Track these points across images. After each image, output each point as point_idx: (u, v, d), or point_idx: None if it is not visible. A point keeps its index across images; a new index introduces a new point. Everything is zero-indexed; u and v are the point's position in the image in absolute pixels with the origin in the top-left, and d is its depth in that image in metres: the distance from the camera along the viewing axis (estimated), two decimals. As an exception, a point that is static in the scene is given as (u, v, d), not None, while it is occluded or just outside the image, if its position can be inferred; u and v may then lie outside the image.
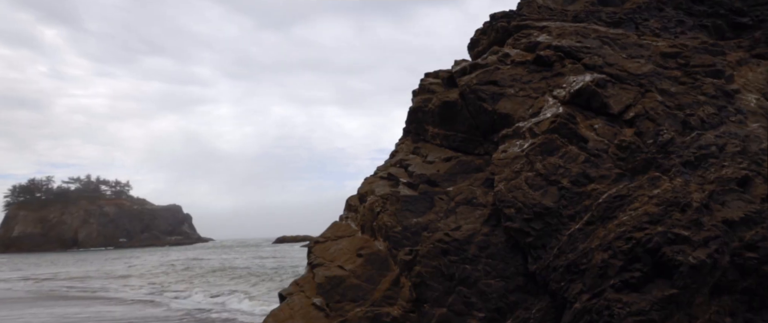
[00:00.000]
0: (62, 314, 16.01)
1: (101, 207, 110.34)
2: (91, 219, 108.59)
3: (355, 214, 5.53)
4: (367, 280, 4.60)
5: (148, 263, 42.62)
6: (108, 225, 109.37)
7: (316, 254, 5.17)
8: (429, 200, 4.77)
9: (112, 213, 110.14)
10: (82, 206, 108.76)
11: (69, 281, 25.20)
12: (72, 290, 22.84)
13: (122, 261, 51.29)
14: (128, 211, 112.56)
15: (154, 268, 33.68)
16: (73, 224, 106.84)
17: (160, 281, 23.18)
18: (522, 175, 4.29)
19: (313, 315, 4.60)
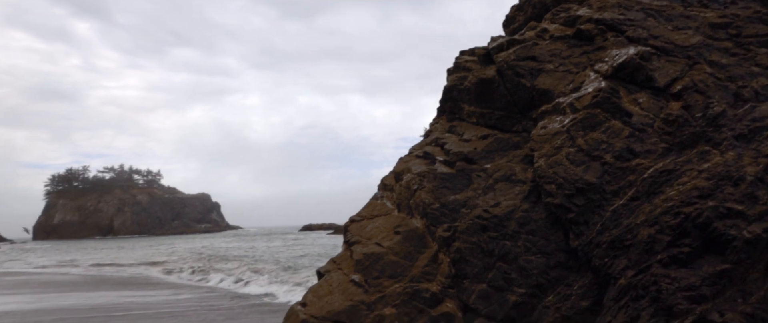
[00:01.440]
0: (130, 298, 16.75)
1: (134, 196, 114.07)
2: (125, 207, 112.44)
3: (390, 193, 5.55)
4: (404, 257, 4.62)
5: (185, 249, 43.84)
6: (141, 213, 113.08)
7: (353, 232, 5.22)
8: (466, 177, 4.74)
9: (144, 202, 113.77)
10: (117, 195, 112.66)
11: (119, 267, 26.16)
12: (125, 275, 23.77)
13: (159, 247, 53.00)
14: (160, 200, 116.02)
15: (193, 254, 34.71)
16: (109, 212, 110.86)
17: (205, 266, 23.85)
18: (563, 151, 4.22)
19: (352, 291, 4.66)
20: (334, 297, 4.65)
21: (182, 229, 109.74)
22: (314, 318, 4.50)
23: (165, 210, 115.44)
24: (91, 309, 14.17)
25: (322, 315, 4.50)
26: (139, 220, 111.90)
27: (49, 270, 30.10)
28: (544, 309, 3.99)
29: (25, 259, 38.59)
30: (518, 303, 4.03)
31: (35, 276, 26.41)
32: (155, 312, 13.55)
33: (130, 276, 23.52)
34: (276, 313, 12.15)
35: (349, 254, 5.13)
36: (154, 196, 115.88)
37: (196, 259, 28.37)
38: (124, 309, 14.51)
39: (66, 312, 13.91)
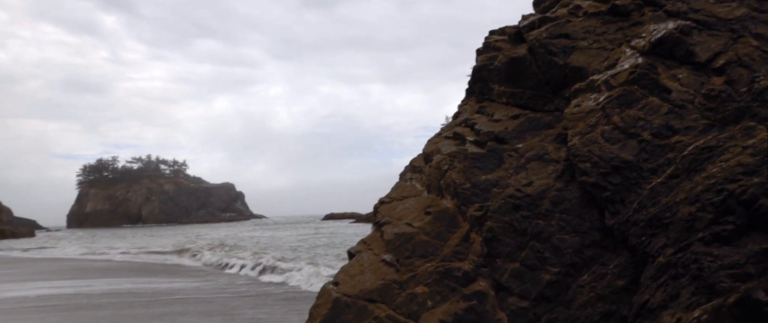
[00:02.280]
0: (159, 285, 17.24)
1: (161, 186, 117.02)
2: (153, 196, 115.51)
3: (419, 175, 5.55)
4: (436, 237, 4.63)
5: (210, 238, 44.81)
6: (168, 202, 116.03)
7: (383, 213, 5.25)
8: (497, 157, 4.71)
9: (171, 192, 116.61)
10: (145, 184, 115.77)
11: (149, 255, 26.97)
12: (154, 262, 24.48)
13: (185, 235, 54.34)
14: (186, 189, 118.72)
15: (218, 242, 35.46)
16: (137, 201, 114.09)
17: (229, 254, 24.34)
18: (598, 129, 4.14)
19: (383, 270, 4.70)
20: (366, 277, 4.70)
21: (207, 218, 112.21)
22: (347, 297, 4.56)
23: (191, 199, 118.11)
24: (127, 294, 14.69)
25: (355, 294, 4.55)
26: (166, 209, 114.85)
27: (83, 257, 31.26)
28: (579, 289, 3.96)
29: (61, 247, 40.14)
30: (552, 282, 4.01)
31: (72, 262, 27.44)
32: (183, 297, 13.96)
33: (159, 263, 24.23)
34: (298, 300, 12.37)
35: (379, 235, 5.16)
36: (180, 186, 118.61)
37: (221, 247, 29.05)
38: (154, 294, 14.99)
39: (105, 297, 14.47)
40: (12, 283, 18.55)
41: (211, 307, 11.84)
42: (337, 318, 4.46)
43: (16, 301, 14.15)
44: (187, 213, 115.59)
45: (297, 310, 11.71)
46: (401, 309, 4.35)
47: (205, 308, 11.80)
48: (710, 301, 3.16)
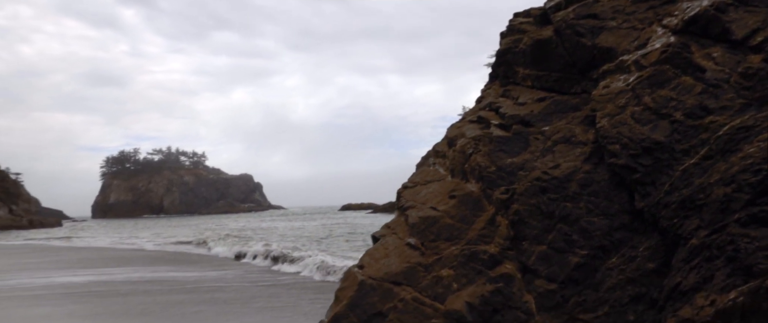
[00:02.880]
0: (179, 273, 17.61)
1: (181, 177, 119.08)
2: (174, 187, 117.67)
3: (443, 160, 5.53)
4: (460, 220, 4.62)
5: (229, 228, 45.44)
6: (188, 193, 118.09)
7: (407, 198, 5.25)
8: (523, 140, 4.66)
9: (191, 183, 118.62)
10: (166, 176, 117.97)
11: (171, 245, 27.54)
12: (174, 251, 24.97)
13: (205, 225, 55.28)
14: (205, 180, 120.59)
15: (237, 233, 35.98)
16: (159, 192, 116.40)
17: (247, 244, 24.70)
18: (628, 110, 4.06)
19: (408, 253, 4.71)
20: (391, 260, 4.72)
21: (227, 209, 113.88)
22: (372, 279, 4.59)
23: (210, 190, 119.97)
24: (149, 282, 15.05)
25: (380, 277, 4.58)
26: (186, 200, 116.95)
27: (109, 246, 32.09)
28: (608, 271, 3.91)
29: (87, 237, 41.25)
30: (580, 265, 3.97)
31: (98, 252, 28.17)
32: (202, 286, 14.22)
33: (180, 252, 24.69)
34: (312, 290, 12.47)
35: (403, 219, 5.17)
36: (200, 177, 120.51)
37: (239, 238, 29.49)
38: (175, 282, 15.31)
39: (128, 285, 14.84)
40: (41, 271, 19.17)
41: (229, 295, 12.06)
42: (362, 300, 4.50)
43: (46, 288, 14.63)
44: (206, 204, 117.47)
45: (311, 298, 11.84)
46: (427, 291, 4.36)
47: (223, 296, 12.01)
48: (747, 283, 3.10)
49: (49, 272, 18.15)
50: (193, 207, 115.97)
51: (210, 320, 9.86)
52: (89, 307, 11.23)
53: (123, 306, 11.19)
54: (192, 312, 10.46)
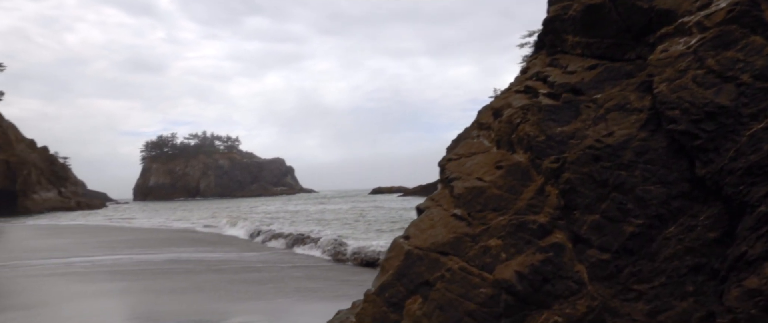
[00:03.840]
0: (233, 255, 18.20)
1: (216, 161, 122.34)
2: (209, 171, 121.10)
3: (487, 132, 5.44)
4: (508, 191, 4.56)
5: (264, 210, 46.52)
6: (223, 176, 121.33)
7: (451, 170, 5.22)
8: (574, 109, 4.53)
9: (226, 166, 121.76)
10: (201, 160, 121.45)
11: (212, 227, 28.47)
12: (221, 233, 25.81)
13: (241, 208, 56.78)
14: (239, 164, 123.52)
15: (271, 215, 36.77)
16: (195, 176, 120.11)
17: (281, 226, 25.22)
18: (689, 74, 3.87)
19: (454, 224, 4.70)
20: (437, 230, 4.72)
21: (260, 192, 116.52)
22: (418, 250, 4.61)
23: (244, 173, 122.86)
24: (186, 262, 15.61)
25: (427, 247, 4.59)
26: (221, 183, 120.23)
27: (154, 227, 33.41)
28: (665, 241, 3.79)
29: (127, 218, 43.08)
30: (635, 234, 3.86)
31: (142, 232, 29.37)
32: (237, 267, 14.62)
33: (214, 233, 25.47)
34: (341, 271, 12.60)
35: (447, 191, 5.15)
36: (234, 161, 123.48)
37: (271, 220, 30.11)
38: (211, 263, 15.81)
39: (167, 264, 15.45)
40: (91, 249, 20.16)
41: (262, 276, 12.39)
42: (409, 270, 4.53)
43: (96, 266, 15.37)
44: (241, 187, 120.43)
45: (341, 280, 12.02)
46: (474, 261, 4.35)
47: (258, 276, 12.34)
48: (822, 250, 2.95)
49: (97, 250, 19.10)
50: (227, 190, 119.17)
51: (248, 297, 10.17)
52: (138, 284, 11.79)
53: (159, 284, 11.67)
54: (237, 290, 10.81)
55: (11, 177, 71.81)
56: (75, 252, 18.16)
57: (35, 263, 15.56)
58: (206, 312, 8.46)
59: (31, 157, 78.73)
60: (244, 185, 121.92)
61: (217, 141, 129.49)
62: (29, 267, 14.69)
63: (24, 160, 74.58)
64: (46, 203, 73.66)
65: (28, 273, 13.47)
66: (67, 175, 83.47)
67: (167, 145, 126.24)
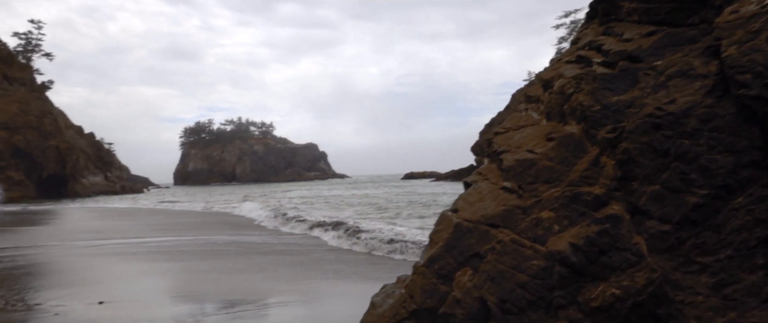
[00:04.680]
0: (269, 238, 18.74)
1: (251, 146, 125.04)
2: (245, 156, 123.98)
3: (536, 105, 5.32)
4: (560, 162, 4.45)
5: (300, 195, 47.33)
6: (258, 162, 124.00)
7: (499, 143, 5.14)
8: (631, 77, 4.35)
9: (260, 152, 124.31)
10: (237, 145, 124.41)
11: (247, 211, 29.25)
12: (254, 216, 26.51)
13: (275, 192, 57.97)
14: (273, 149, 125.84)
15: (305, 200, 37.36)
16: (231, 161, 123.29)
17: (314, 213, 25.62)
18: (762, 35, 3.64)
19: (504, 196, 4.64)
20: (486, 203, 4.68)
21: (293, 177, 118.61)
22: (468, 222, 4.58)
23: (278, 159, 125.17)
24: (223, 244, 16.10)
25: (476, 219, 4.56)
26: (256, 168, 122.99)
27: (187, 210, 34.57)
28: (732, 212, 3.63)
29: (169, 201, 44.76)
30: (699, 205, 3.71)
31: (180, 217, 30.44)
32: (277, 249, 14.95)
33: (248, 217, 26.11)
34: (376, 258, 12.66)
35: (495, 165, 5.08)
36: (268, 146, 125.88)
37: (304, 204, 30.56)
38: (246, 245, 16.23)
39: (209, 245, 15.97)
40: (136, 231, 21.08)
41: (295, 259, 12.62)
42: (459, 242, 4.52)
43: (139, 246, 16.08)
44: (275, 172, 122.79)
45: (373, 263, 12.10)
46: (526, 233, 4.29)
47: (291, 259, 12.58)
48: None
49: (143, 232, 19.95)
50: (262, 175, 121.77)
51: (283, 278, 10.41)
52: (179, 264, 12.26)
53: (205, 263, 12.08)
54: (272, 271, 11.08)
55: (61, 162, 75.61)
56: (123, 234, 19.08)
57: (90, 243, 16.43)
58: (244, 292, 8.76)
59: (79, 143, 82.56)
60: (279, 170, 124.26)
61: (252, 127, 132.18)
62: (85, 246, 15.54)
63: (73, 146, 78.32)
64: (94, 187, 77.34)
65: (83, 252, 14.27)
66: (112, 160, 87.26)
67: (204, 130, 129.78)
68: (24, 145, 69.84)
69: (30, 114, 73.11)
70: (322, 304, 8.14)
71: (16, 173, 68.69)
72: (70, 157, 74.37)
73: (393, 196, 37.03)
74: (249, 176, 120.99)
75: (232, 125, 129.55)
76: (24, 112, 72.67)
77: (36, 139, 71.76)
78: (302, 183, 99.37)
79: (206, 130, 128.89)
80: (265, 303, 7.91)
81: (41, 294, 8.72)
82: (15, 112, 71.17)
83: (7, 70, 74.77)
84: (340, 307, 7.92)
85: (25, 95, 74.67)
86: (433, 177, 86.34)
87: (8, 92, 72.76)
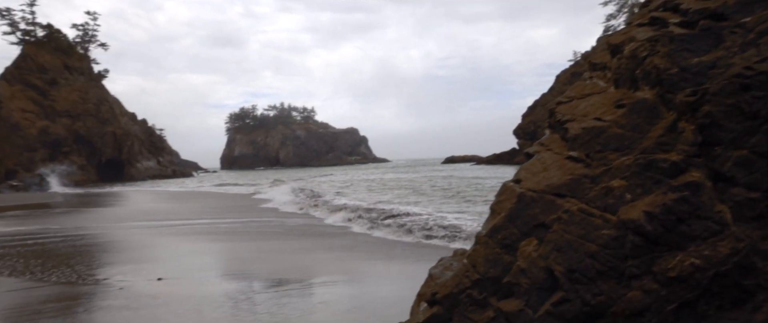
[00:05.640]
0: (314, 220, 19.19)
1: (294, 131, 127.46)
2: (287, 141, 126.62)
3: (602, 72, 5.09)
4: (632, 129, 4.25)
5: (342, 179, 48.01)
6: (300, 146, 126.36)
7: (563, 112, 4.97)
8: (714, 36, 4.07)
9: (303, 136, 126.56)
10: (280, 130, 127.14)
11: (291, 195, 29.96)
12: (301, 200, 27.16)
13: (316, 176, 59.03)
14: (315, 134, 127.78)
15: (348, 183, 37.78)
16: (275, 146, 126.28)
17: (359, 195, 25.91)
18: None
19: (570, 166, 4.49)
20: (551, 173, 4.55)
21: (335, 161, 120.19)
22: (532, 192, 4.48)
23: (320, 143, 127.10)
24: (269, 225, 16.48)
25: (541, 189, 4.45)
26: (299, 153, 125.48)
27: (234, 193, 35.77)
28: (831, 177, 3.35)
29: (218, 185, 46.50)
30: (792, 171, 3.44)
31: (228, 200, 31.59)
32: (321, 231, 15.21)
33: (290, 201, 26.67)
34: (423, 245, 12.57)
35: (558, 135, 4.92)
36: (310, 131, 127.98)
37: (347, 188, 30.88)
38: (297, 226, 16.59)
39: (256, 226, 16.45)
40: (186, 213, 22.00)
41: (340, 241, 12.78)
42: (522, 211, 4.42)
43: (192, 226, 16.78)
44: (317, 157, 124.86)
45: (420, 245, 12.05)
46: (595, 202, 4.14)
47: (336, 242, 12.75)
48: None
49: (196, 214, 20.84)
50: (305, 159, 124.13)
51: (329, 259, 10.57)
52: (230, 245, 12.72)
53: (254, 244, 12.46)
54: (318, 252, 11.30)
55: (118, 147, 79.84)
56: (178, 215, 20.05)
57: (148, 224, 17.40)
58: (290, 271, 9.01)
59: (133, 129, 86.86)
60: (320, 154, 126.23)
61: (294, 112, 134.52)
62: (144, 227, 16.48)
63: (128, 132, 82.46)
64: (147, 171, 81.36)
65: (143, 232, 15.15)
66: (164, 146, 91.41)
67: (248, 116, 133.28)
68: (84, 131, 74.22)
69: (89, 102, 77.48)
70: (366, 284, 8.27)
71: (79, 158, 73.18)
72: (125, 142, 78.45)
73: (432, 181, 36.87)
74: (292, 160, 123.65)
75: (275, 110, 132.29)
76: (83, 100, 77.06)
77: (95, 126, 76.05)
78: (343, 167, 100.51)
79: (250, 116, 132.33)
80: (311, 283, 8.11)
81: (107, 270, 9.35)
82: (76, 100, 75.58)
83: (68, 61, 79.35)
84: (384, 287, 8.02)
85: (84, 84, 79.10)
86: (474, 161, 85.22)
87: (69, 81, 77.34)
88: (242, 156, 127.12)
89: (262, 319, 6.15)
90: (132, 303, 6.95)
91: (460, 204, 20.53)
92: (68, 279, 8.59)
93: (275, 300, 7.06)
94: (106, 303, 7.06)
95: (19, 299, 7.28)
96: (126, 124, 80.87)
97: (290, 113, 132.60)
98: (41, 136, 67.88)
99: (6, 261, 10.24)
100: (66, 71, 76.86)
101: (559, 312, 3.99)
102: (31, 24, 75.82)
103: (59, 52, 77.35)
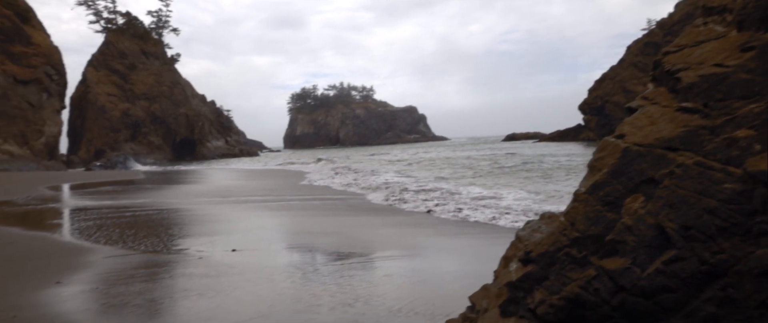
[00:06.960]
0: (372, 197, 19.37)
1: (353, 111, 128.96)
2: (347, 120, 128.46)
3: (720, 15, 4.59)
4: (761, 74, 3.81)
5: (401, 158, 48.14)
6: (359, 125, 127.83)
7: (673, 62, 4.55)
8: None
9: (362, 115, 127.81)
10: (340, 110, 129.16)
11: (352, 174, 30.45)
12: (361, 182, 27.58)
13: (376, 155, 59.53)
14: (374, 113, 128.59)
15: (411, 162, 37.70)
16: (335, 125, 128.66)
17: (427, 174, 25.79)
18: None
19: (683, 118, 4.12)
20: (660, 126, 4.20)
21: (394, 140, 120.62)
22: (638, 146, 4.16)
23: (379, 122, 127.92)
24: (332, 202, 16.79)
25: (649, 143, 4.13)
26: (358, 132, 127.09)
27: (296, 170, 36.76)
28: None
29: (282, 163, 48.09)
30: None
31: (294, 178, 32.51)
32: (378, 208, 15.26)
33: (354, 181, 26.97)
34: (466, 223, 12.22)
35: (665, 87, 4.53)
36: (369, 110, 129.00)
37: (407, 167, 30.84)
38: (357, 204, 16.72)
39: (319, 202, 16.85)
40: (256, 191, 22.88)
41: (400, 219, 12.78)
42: (628, 167, 4.13)
43: (265, 202, 17.49)
44: (376, 135, 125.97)
45: (481, 224, 11.74)
46: (715, 155, 3.78)
47: (396, 219, 12.75)
48: None
49: (265, 192, 21.68)
50: (364, 138, 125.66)
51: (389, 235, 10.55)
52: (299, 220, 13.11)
53: (317, 220, 12.76)
54: (378, 228, 11.42)
55: (190, 128, 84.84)
56: (247, 192, 21.08)
57: (222, 199, 18.40)
58: (355, 245, 9.20)
59: (203, 110, 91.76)
60: (380, 133, 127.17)
61: (354, 91, 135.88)
62: (219, 202, 17.48)
63: (198, 113, 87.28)
64: (217, 150, 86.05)
65: (218, 207, 16.06)
66: (231, 126, 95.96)
67: (309, 96, 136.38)
68: (160, 112, 79.45)
69: (163, 84, 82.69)
70: (429, 259, 8.28)
71: (156, 138, 78.68)
72: (196, 123, 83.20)
73: (494, 158, 35.97)
74: (352, 139, 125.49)
75: (335, 90, 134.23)
76: (159, 83, 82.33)
77: (169, 108, 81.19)
78: (402, 145, 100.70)
79: (311, 96, 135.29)
80: (373, 257, 8.24)
81: (187, 241, 10.06)
82: (152, 83, 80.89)
83: (144, 46, 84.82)
84: (447, 262, 7.99)
85: (159, 68, 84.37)
86: (537, 138, 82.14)
87: (146, 65, 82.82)
88: (304, 135, 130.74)
89: (330, 289, 6.34)
90: (211, 272, 7.40)
91: (523, 182, 19.91)
92: (155, 249, 9.33)
93: (341, 272, 7.23)
94: (188, 270, 7.61)
95: (116, 265, 7.97)
96: (197, 106, 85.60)
97: (350, 92, 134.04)
98: (123, 117, 73.51)
99: (103, 231, 11.29)
100: (143, 56, 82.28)
101: (672, 271, 3.72)
102: (113, 12, 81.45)
103: (137, 38, 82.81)
